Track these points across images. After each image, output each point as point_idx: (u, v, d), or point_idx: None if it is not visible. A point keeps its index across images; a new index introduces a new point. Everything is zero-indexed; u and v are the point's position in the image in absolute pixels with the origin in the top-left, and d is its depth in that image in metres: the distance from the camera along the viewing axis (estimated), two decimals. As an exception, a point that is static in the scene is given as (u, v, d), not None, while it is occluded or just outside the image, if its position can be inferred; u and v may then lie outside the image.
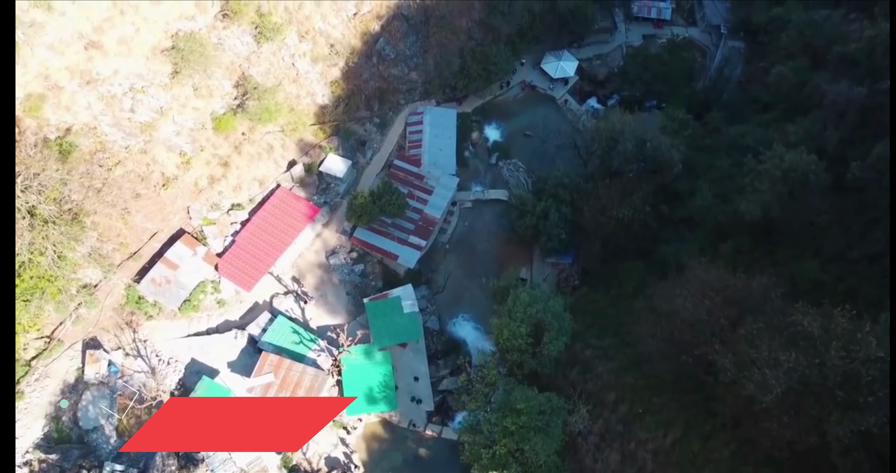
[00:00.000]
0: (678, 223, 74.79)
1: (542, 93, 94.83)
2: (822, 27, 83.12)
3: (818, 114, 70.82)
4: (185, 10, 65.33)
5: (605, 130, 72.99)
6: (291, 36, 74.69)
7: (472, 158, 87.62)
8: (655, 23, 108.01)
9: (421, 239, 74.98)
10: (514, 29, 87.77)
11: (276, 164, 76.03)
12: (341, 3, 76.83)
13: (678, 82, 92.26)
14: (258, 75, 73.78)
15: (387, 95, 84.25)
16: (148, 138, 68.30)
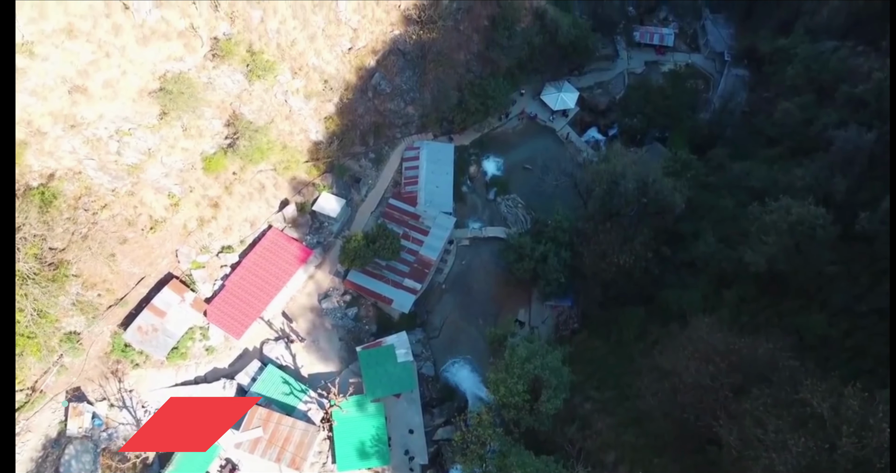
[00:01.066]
0: (680, 267, 72.71)
1: (541, 124, 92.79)
2: (828, 61, 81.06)
3: (825, 158, 68.72)
4: (174, 52, 63.21)
5: (606, 173, 70.93)
6: (284, 73, 72.63)
7: (469, 193, 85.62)
8: (658, 49, 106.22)
9: (416, 282, 72.97)
10: (513, 62, 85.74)
11: (268, 203, 74.05)
12: (336, 38, 74.70)
13: (681, 115, 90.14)
14: (250, 113, 71.81)
15: (382, 129, 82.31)
16: (135, 181, 66.37)
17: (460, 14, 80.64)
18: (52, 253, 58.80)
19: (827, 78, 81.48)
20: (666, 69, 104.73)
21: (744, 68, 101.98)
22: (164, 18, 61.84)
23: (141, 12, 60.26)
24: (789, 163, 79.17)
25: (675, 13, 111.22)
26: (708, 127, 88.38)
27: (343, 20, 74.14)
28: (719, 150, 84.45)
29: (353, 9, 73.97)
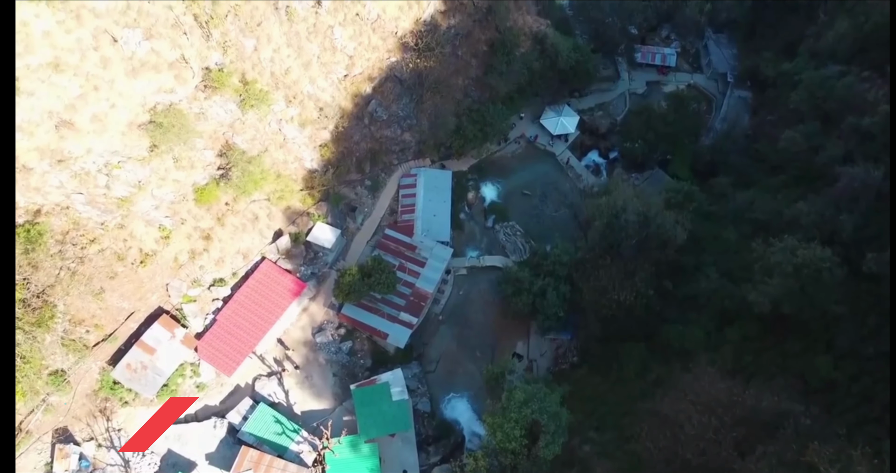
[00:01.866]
0: (683, 301, 71.15)
1: (541, 148, 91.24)
2: (834, 88, 79.42)
3: (831, 193, 67.10)
4: (164, 84, 61.59)
5: (607, 206, 69.39)
6: (278, 101, 71.09)
7: (467, 220, 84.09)
8: (660, 69, 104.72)
9: (412, 316, 71.41)
10: (512, 87, 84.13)
11: (262, 234, 72.48)
12: (331, 65, 73.15)
13: (683, 141, 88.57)
14: (243, 143, 70.30)
15: (379, 156, 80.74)
16: (125, 213, 64.87)
17: (458, 39, 79.16)
18: (37, 295, 57.28)
19: (832, 105, 79.93)
20: (668, 89, 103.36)
21: (747, 90, 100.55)
22: (155, 50, 60.25)
23: (130, 44, 58.70)
24: (793, 192, 77.83)
25: (677, 32, 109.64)
26: (710, 153, 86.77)
27: (339, 47, 72.61)
28: (722, 178, 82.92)
29: (349, 36, 72.45)
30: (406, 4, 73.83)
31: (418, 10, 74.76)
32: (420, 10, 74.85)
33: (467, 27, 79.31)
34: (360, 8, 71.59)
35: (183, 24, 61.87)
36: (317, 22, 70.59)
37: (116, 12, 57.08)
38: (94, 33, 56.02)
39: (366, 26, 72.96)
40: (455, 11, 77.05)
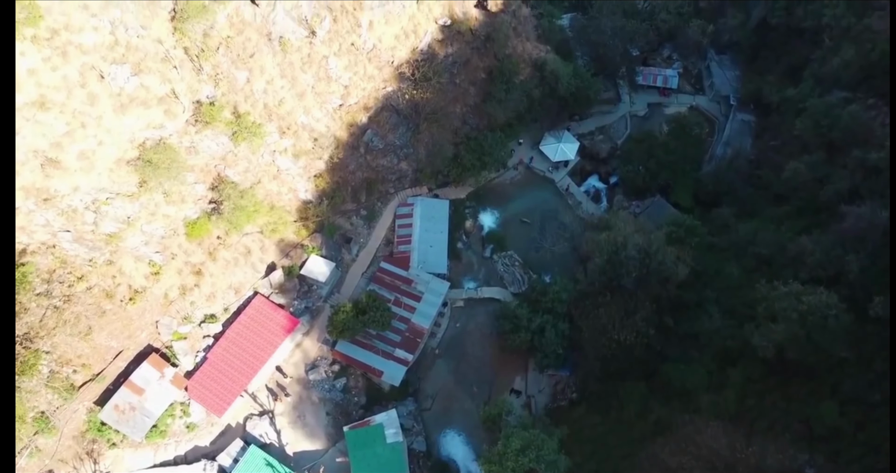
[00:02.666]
0: (684, 338, 69.57)
1: (540, 174, 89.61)
2: (839, 118, 77.75)
3: (837, 230, 65.54)
4: (154, 119, 60.08)
5: (606, 243, 67.85)
6: (271, 133, 69.57)
7: (465, 249, 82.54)
8: (661, 91, 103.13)
9: (408, 353, 69.88)
10: (511, 115, 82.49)
11: (254, 268, 71.01)
12: (326, 95, 71.65)
13: (685, 170, 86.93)
14: (235, 175, 68.85)
15: (375, 185, 79.23)
16: (114, 249, 63.50)
17: (456, 68, 77.62)
18: (21, 340, 55.85)
19: (837, 135, 78.33)
20: (670, 111, 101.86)
21: (750, 113, 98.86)
22: (144, 85, 58.78)
23: (118, 80, 57.22)
24: (797, 224, 76.33)
25: (679, 52, 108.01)
26: (713, 182, 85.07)
27: (334, 77, 71.10)
28: (724, 209, 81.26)
29: (345, 66, 70.92)
30: (403, 34, 72.33)
31: (415, 40, 73.25)
32: (417, 40, 73.34)
33: (465, 55, 77.76)
34: (355, 38, 70.09)
35: (173, 59, 60.42)
36: (311, 52, 69.09)
37: (104, 48, 55.60)
38: (80, 70, 54.54)
39: (361, 56, 71.45)
40: (453, 40, 75.52)
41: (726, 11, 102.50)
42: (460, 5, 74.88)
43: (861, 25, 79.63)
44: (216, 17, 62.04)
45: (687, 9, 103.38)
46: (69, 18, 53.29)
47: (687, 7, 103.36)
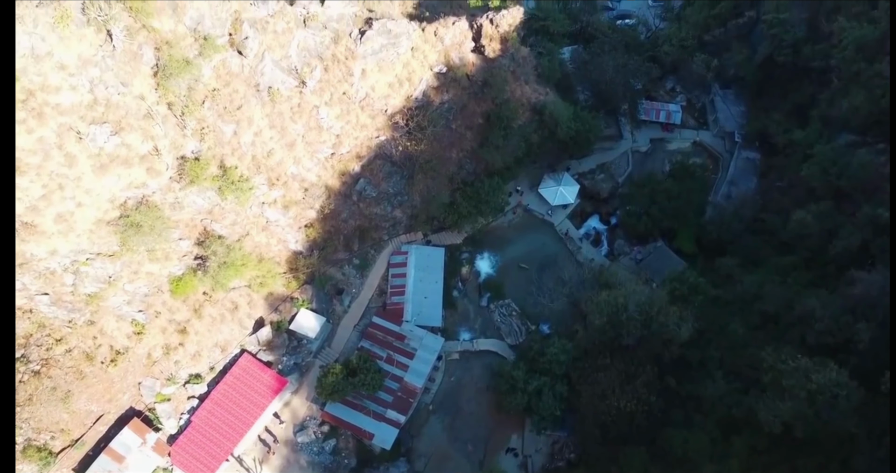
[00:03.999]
0: (686, 400, 67.08)
1: (539, 217, 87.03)
2: (849, 167, 75.09)
3: (845, 295, 62.90)
4: (135, 179, 57.70)
5: (607, 305, 65.35)
6: (260, 185, 67.20)
7: (461, 298, 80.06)
8: (664, 126, 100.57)
9: (400, 414, 67.47)
10: (509, 160, 79.88)
11: (241, 325, 68.68)
12: (316, 144, 69.27)
13: (688, 217, 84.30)
14: (222, 229, 66.59)
15: (368, 232, 76.88)
16: (95, 309, 61.24)
17: (452, 113, 75.12)
18: None
19: (846, 184, 75.72)
20: (673, 147, 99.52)
21: (755, 151, 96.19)
22: (125, 143, 56.39)
23: (98, 141, 54.80)
24: (804, 276, 73.82)
25: (683, 85, 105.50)
26: (717, 230, 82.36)
27: (325, 127, 68.73)
28: (729, 259, 78.52)
29: (336, 115, 68.54)
30: (397, 82, 69.88)
31: (410, 88, 70.79)
32: (412, 88, 70.87)
33: (462, 101, 75.25)
34: (347, 87, 67.72)
35: (156, 115, 58.05)
36: (301, 102, 66.71)
37: (83, 108, 53.23)
38: (58, 131, 52.19)
39: (353, 105, 69.08)
40: (449, 86, 73.02)
41: (731, 45, 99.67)
42: (456, 51, 72.39)
43: (872, 71, 76.87)
44: (201, 71, 59.69)
45: (690, 42, 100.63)
46: (45, 78, 50.84)
47: (690, 40, 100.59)
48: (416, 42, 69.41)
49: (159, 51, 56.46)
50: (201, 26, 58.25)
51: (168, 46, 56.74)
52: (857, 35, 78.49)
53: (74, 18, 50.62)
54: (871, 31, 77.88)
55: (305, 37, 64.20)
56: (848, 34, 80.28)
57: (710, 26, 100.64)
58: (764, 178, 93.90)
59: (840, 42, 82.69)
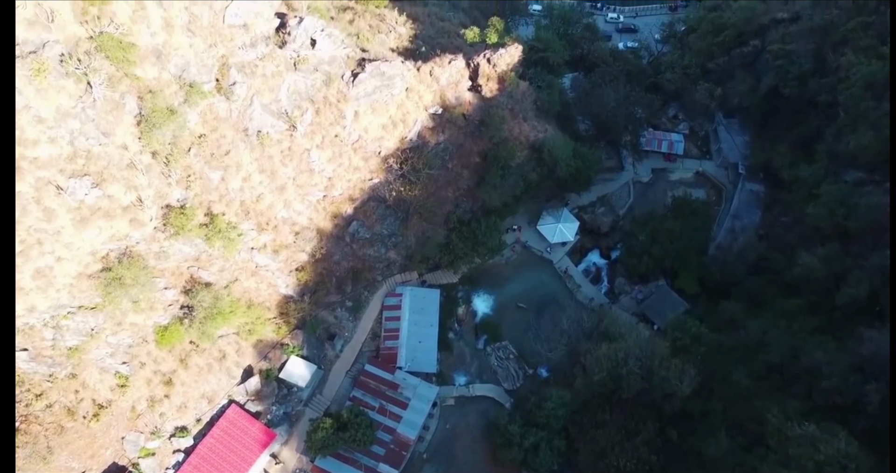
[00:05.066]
0: (688, 454, 64.85)
1: (537, 254, 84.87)
2: (856, 208, 72.89)
3: (854, 351, 60.80)
4: (118, 231, 55.56)
5: (606, 359, 63.22)
6: (249, 230, 65.10)
7: (456, 339, 77.98)
8: (667, 156, 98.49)
9: (392, 468, 65.40)
10: (507, 199, 77.57)
11: (230, 374, 66.60)
12: (308, 187, 67.21)
13: (690, 257, 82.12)
14: (210, 276, 64.54)
15: (362, 273, 74.78)
16: (76, 362, 59.12)
17: (448, 153, 73.01)
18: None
19: (853, 225, 73.54)
20: (675, 177, 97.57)
21: (759, 183, 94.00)
22: (107, 195, 54.28)
23: (78, 194, 52.66)
24: (810, 322, 71.80)
25: (686, 113, 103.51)
26: (720, 272, 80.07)
27: (316, 170, 66.73)
28: (732, 303, 76.29)
29: (328, 158, 66.50)
30: (391, 123, 67.84)
31: (404, 129, 68.74)
32: (406, 129, 68.82)
33: (459, 140, 73.23)
34: (339, 130, 65.68)
35: (139, 164, 55.93)
36: (292, 145, 64.67)
37: (62, 160, 51.24)
38: (35, 186, 50.15)
39: (346, 147, 67.05)
40: (445, 127, 70.98)
41: (735, 74, 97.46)
42: (453, 90, 70.31)
43: (881, 110, 74.58)
44: (187, 118, 57.61)
45: (694, 70, 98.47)
46: (22, 132, 48.75)
47: (694, 68, 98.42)
48: (411, 83, 67.34)
49: (142, 99, 54.37)
50: (186, 73, 56.21)
51: (152, 95, 54.68)
52: (866, 72, 76.39)
53: (52, 70, 48.54)
54: (880, 69, 75.70)
55: (296, 80, 62.12)
56: (856, 71, 78.11)
57: (714, 54, 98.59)
58: (768, 211, 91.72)
59: (847, 77, 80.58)
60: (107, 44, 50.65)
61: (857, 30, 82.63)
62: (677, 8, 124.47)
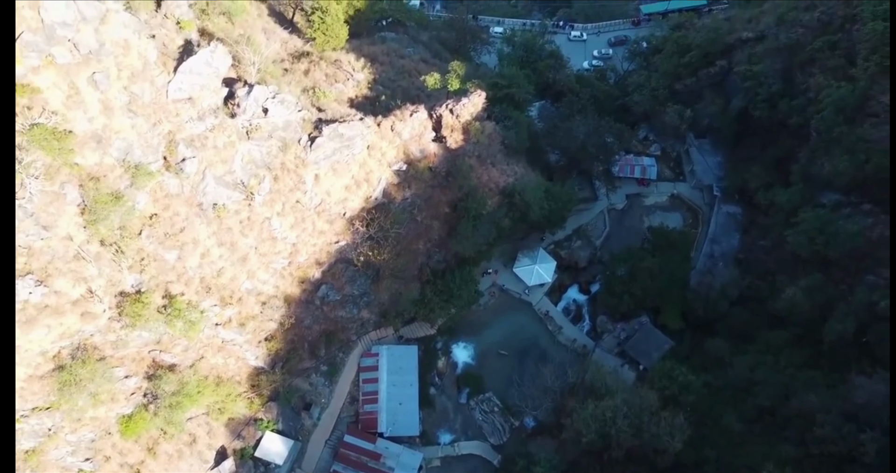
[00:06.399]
0: (684, 508, 63.05)
1: (516, 297, 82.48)
2: (836, 237, 71.46)
3: (847, 397, 59.25)
4: (69, 328, 51.98)
5: (593, 420, 61.06)
6: (212, 307, 61.75)
7: (438, 394, 75.39)
8: (640, 181, 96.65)
9: (379, 544, 62.64)
10: (481, 247, 74.80)
11: (202, 458, 63.25)
12: (271, 255, 64.04)
13: (671, 292, 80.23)
14: (173, 358, 61.20)
15: (335, 335, 71.94)
16: (35, 465, 55.27)
17: (416, 207, 70.13)
18: None
19: (834, 254, 72.20)
20: (650, 202, 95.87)
21: (735, 204, 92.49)
22: (54, 291, 50.57)
23: (21, 294, 48.94)
24: (798, 355, 70.72)
25: (656, 134, 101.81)
26: (703, 308, 78.19)
27: (279, 237, 63.53)
28: (718, 340, 74.58)
29: (290, 225, 63.43)
30: (354, 184, 64.93)
31: (368, 189, 65.85)
32: (370, 188, 65.92)
33: (426, 193, 70.45)
34: (300, 195, 62.56)
35: (87, 255, 52.33)
36: (251, 215, 61.43)
37: (1, 261, 47.26)
38: (-27, 290, 46.21)
39: (309, 212, 64.02)
40: (410, 182, 68.20)
41: (704, 95, 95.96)
42: (416, 143, 67.55)
43: (854, 135, 73.19)
44: (135, 200, 54.12)
45: (662, 92, 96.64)
46: (-47, 237, 44.93)
47: (662, 90, 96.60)
48: (372, 140, 64.47)
49: (84, 188, 50.81)
50: (131, 155, 52.72)
51: (95, 181, 51.19)
52: (836, 97, 74.84)
53: (-20, 172, 44.85)
54: (850, 93, 74.25)
55: (250, 149, 58.92)
56: (826, 94, 76.67)
57: (682, 75, 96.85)
58: (746, 234, 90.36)
59: (819, 99, 79.15)
60: (40, 136, 47.10)
61: (823, 49, 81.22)
62: (640, 22, 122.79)
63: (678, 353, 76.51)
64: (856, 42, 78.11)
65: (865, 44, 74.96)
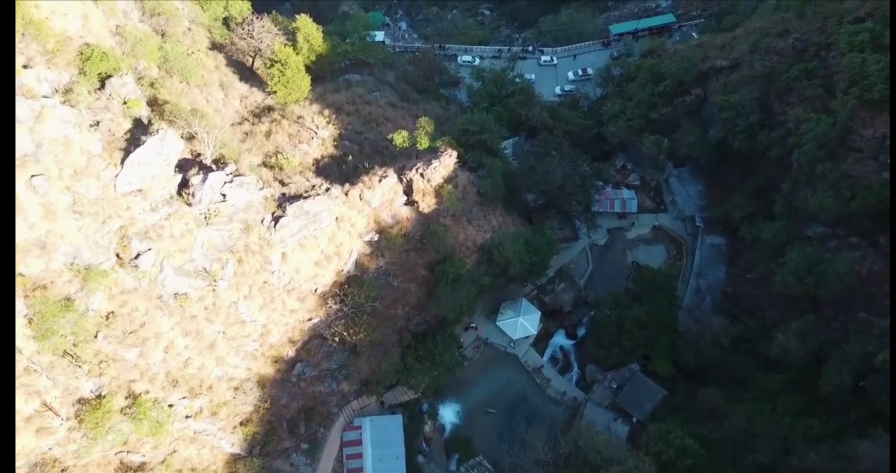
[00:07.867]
0: None
1: (501, 350, 79.63)
2: (826, 276, 69.36)
3: (851, 458, 57.06)
4: (24, 446, 48.21)
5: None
6: (180, 401, 58.13)
7: (426, 463, 72.48)
8: (620, 214, 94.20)
9: None
10: (463, 308, 71.73)
11: None
12: (240, 339, 60.52)
13: (660, 339, 77.78)
14: (142, 457, 57.51)
15: (315, 410, 68.63)
16: None
17: (391, 275, 66.96)
18: None
19: (824, 294, 70.21)
20: (632, 236, 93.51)
21: (719, 235, 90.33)
22: (4, 411, 46.49)
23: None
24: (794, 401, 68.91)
25: (634, 163, 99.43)
26: (694, 355, 75.70)
27: (247, 320, 60.02)
28: (711, 390, 72.21)
29: (259, 307, 60.00)
30: (324, 258, 61.64)
31: (339, 262, 62.58)
32: (341, 262, 62.67)
33: (401, 259, 67.29)
34: (266, 275, 59.05)
35: (38, 367, 48.57)
36: (216, 301, 57.89)
37: (-59, 388, 43.37)
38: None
39: (278, 292, 60.60)
40: (383, 251, 65.09)
41: (680, 123, 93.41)
42: (387, 210, 64.42)
43: (839, 171, 71.03)
44: (88, 302, 50.35)
45: (637, 121, 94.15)
46: None
47: (637, 120, 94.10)
48: (341, 211, 61.20)
49: (29, 298, 47.01)
50: (79, 258, 48.93)
51: (42, 290, 47.40)
52: (818, 131, 72.61)
53: None
54: (830, 127, 72.06)
55: (210, 234, 55.36)
56: (807, 128, 74.47)
57: (657, 104, 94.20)
58: (732, 266, 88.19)
59: (798, 131, 76.98)
60: (-24, 252, 43.15)
61: (800, 78, 78.93)
62: (610, 43, 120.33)
63: (671, 402, 74.27)
64: (833, 71, 75.99)
65: (843, 75, 72.64)
